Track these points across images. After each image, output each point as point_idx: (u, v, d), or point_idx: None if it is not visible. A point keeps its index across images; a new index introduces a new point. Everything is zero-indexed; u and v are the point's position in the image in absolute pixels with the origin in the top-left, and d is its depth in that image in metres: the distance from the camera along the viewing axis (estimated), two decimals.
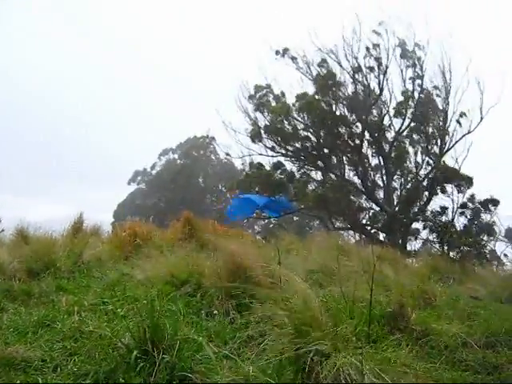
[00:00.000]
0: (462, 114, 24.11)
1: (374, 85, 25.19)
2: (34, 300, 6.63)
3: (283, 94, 26.24)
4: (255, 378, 3.55)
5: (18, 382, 3.89)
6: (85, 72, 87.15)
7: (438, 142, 24.84)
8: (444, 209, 23.23)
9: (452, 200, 23.11)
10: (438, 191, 23.52)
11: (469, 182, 22.82)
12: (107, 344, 4.56)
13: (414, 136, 25.31)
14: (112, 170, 79.27)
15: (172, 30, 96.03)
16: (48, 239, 10.03)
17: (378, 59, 25.15)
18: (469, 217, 22.96)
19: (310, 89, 25.66)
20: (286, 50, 25.85)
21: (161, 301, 5.97)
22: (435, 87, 25.30)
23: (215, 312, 5.98)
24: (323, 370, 3.56)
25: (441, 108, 25.00)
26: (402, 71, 25.36)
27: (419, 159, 25.32)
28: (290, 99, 26.10)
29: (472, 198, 22.92)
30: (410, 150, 25.54)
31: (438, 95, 25.28)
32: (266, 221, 32.44)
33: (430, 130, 25.25)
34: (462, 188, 22.90)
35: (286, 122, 25.55)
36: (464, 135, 23.83)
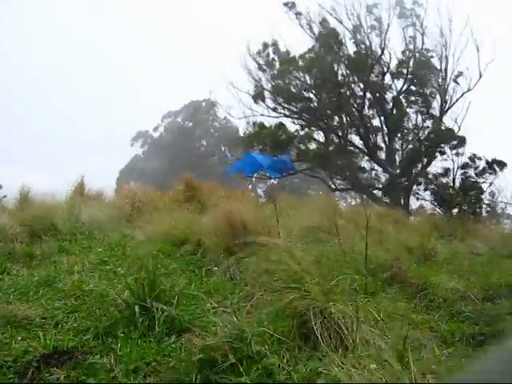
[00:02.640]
0: (460, 73, 23.78)
1: (375, 44, 24.85)
2: (36, 262, 6.68)
3: (288, 53, 25.85)
4: (253, 327, 3.59)
5: (20, 338, 3.93)
6: (84, 31, 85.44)
7: (438, 101, 24.58)
8: (447, 170, 23.08)
9: (452, 160, 22.96)
10: (437, 154, 23.35)
11: (463, 141, 22.60)
12: (107, 301, 4.62)
13: (413, 96, 25.02)
14: (114, 136, 78.77)
15: None
16: (50, 204, 10.08)
17: (378, 19, 24.75)
18: (471, 177, 22.81)
19: (314, 47, 25.33)
20: (293, 4, 25.32)
21: (160, 258, 6.05)
22: (434, 47, 24.93)
23: (215, 268, 6.02)
24: (317, 320, 3.60)
25: (440, 67, 24.67)
26: (403, 30, 24.95)
27: (419, 120, 25.12)
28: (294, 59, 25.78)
29: (473, 157, 22.72)
30: (410, 110, 25.29)
31: (436, 54, 24.93)
32: (269, 182, 32.34)
33: (430, 89, 24.96)
34: (456, 149, 22.70)
35: (288, 81, 25.28)
36: (463, 93, 23.52)
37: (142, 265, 5.07)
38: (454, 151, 22.42)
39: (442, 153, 22.72)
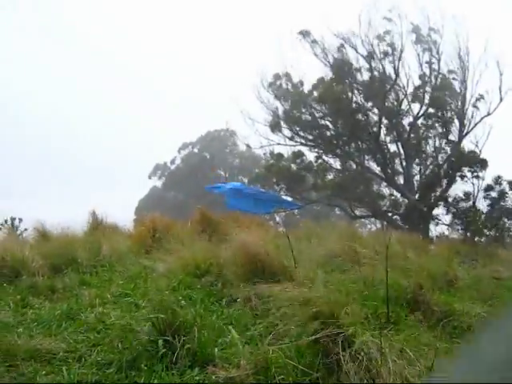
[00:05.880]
0: (480, 97, 23.72)
1: (389, 70, 24.96)
2: (58, 295, 6.72)
3: (302, 83, 26.08)
4: (276, 360, 3.57)
5: (44, 372, 3.95)
6: (91, 67, 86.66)
7: (457, 125, 24.51)
8: (467, 195, 22.84)
9: (472, 184, 22.76)
10: (457, 177, 23.18)
11: (484, 164, 22.41)
12: (129, 334, 4.62)
13: (431, 121, 24.99)
14: (132, 170, 79.31)
15: (183, 18, 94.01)
16: (68, 236, 10.17)
17: (391, 44, 24.89)
18: (492, 200, 22.49)
19: (328, 75, 25.56)
20: (307, 33, 25.55)
21: (181, 290, 6.06)
22: (452, 71, 24.97)
23: (238, 300, 5.99)
24: (342, 351, 3.57)
25: (458, 91, 24.65)
26: (418, 55, 25.02)
27: (438, 144, 25.03)
28: (308, 87, 26.03)
29: (497, 180, 22.44)
30: (429, 135, 25.24)
31: (454, 78, 24.92)
32: (287, 212, 32.34)
33: (449, 114, 24.92)
34: (477, 172, 22.50)
35: (304, 110, 25.46)
36: (483, 118, 23.41)
37: (162, 297, 5.09)
38: (475, 174, 22.21)
39: (463, 176, 22.55)
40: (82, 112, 78.90)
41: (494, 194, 22.19)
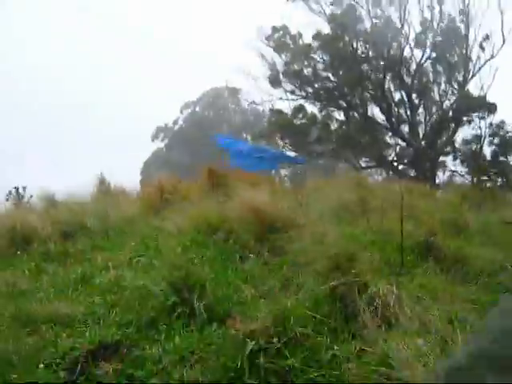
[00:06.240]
0: (485, 38, 23.31)
1: (393, 18, 24.47)
2: (71, 260, 6.76)
3: (300, 35, 25.66)
4: (293, 311, 3.60)
5: (65, 335, 4.00)
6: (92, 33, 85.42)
7: (462, 70, 24.18)
8: (476, 137, 22.69)
9: (479, 128, 22.62)
10: (465, 122, 22.99)
11: (493, 109, 22.21)
12: (145, 294, 4.65)
13: (436, 66, 24.64)
14: (134, 132, 78.86)
15: None
16: (77, 202, 10.18)
17: None
18: (497, 144, 22.39)
19: (325, 29, 25.10)
20: None
21: (194, 248, 6.08)
22: (454, 15, 24.50)
23: (250, 255, 6.00)
24: (359, 299, 3.60)
25: (461, 35, 24.21)
26: (419, 0, 24.51)
27: (443, 90, 24.74)
28: (307, 40, 25.61)
29: (502, 124, 22.29)
30: (433, 80, 24.94)
31: (457, 22, 24.47)
32: (293, 168, 32.24)
33: (453, 58, 24.55)
34: (486, 116, 22.33)
35: (305, 63, 25.14)
36: (487, 60, 23.14)
37: (176, 256, 5.11)
38: (483, 119, 22.04)
39: (470, 121, 22.37)
40: (81, 76, 78.26)
41: (497, 140, 22.11)
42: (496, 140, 22.38)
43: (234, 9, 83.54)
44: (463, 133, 23.53)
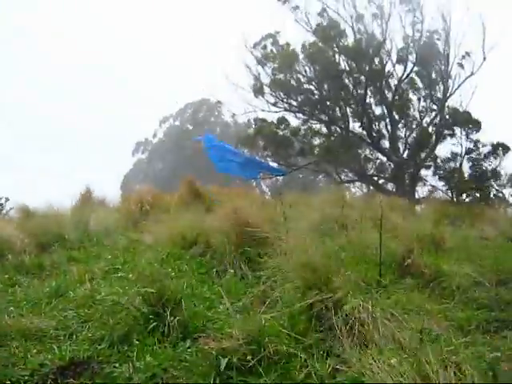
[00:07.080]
0: (464, 55, 23.72)
1: (376, 33, 24.75)
2: (46, 272, 6.68)
3: (288, 45, 25.79)
4: (269, 328, 3.56)
5: (35, 351, 3.91)
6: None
7: (441, 86, 24.52)
8: (455, 154, 23.04)
9: (461, 145, 22.96)
10: (447, 136, 23.31)
11: (477, 126, 22.58)
12: (120, 309, 4.57)
13: (416, 82, 24.96)
14: (113, 150, 78.38)
15: None
16: (55, 213, 10.08)
17: (380, 7, 24.65)
18: (474, 162, 22.74)
19: (309, 40, 25.29)
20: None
21: (170, 262, 6.02)
22: (435, 31, 24.84)
23: (228, 269, 5.95)
24: (334, 316, 3.57)
25: (442, 52, 24.57)
26: (401, 17, 24.78)
27: (422, 106, 25.06)
28: (293, 50, 25.73)
29: (477, 143, 22.69)
30: (414, 96, 25.27)
31: (438, 39, 24.82)
32: (273, 179, 32.32)
33: (433, 75, 24.91)
34: (470, 132, 22.71)
35: (288, 75, 25.26)
36: (467, 77, 23.54)
37: (151, 270, 5.05)
38: (465, 134, 22.39)
39: (452, 135, 22.70)
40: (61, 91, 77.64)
41: (475, 156, 22.45)
42: (474, 155, 22.71)
43: (217, 20, 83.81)
44: (443, 148, 23.86)
